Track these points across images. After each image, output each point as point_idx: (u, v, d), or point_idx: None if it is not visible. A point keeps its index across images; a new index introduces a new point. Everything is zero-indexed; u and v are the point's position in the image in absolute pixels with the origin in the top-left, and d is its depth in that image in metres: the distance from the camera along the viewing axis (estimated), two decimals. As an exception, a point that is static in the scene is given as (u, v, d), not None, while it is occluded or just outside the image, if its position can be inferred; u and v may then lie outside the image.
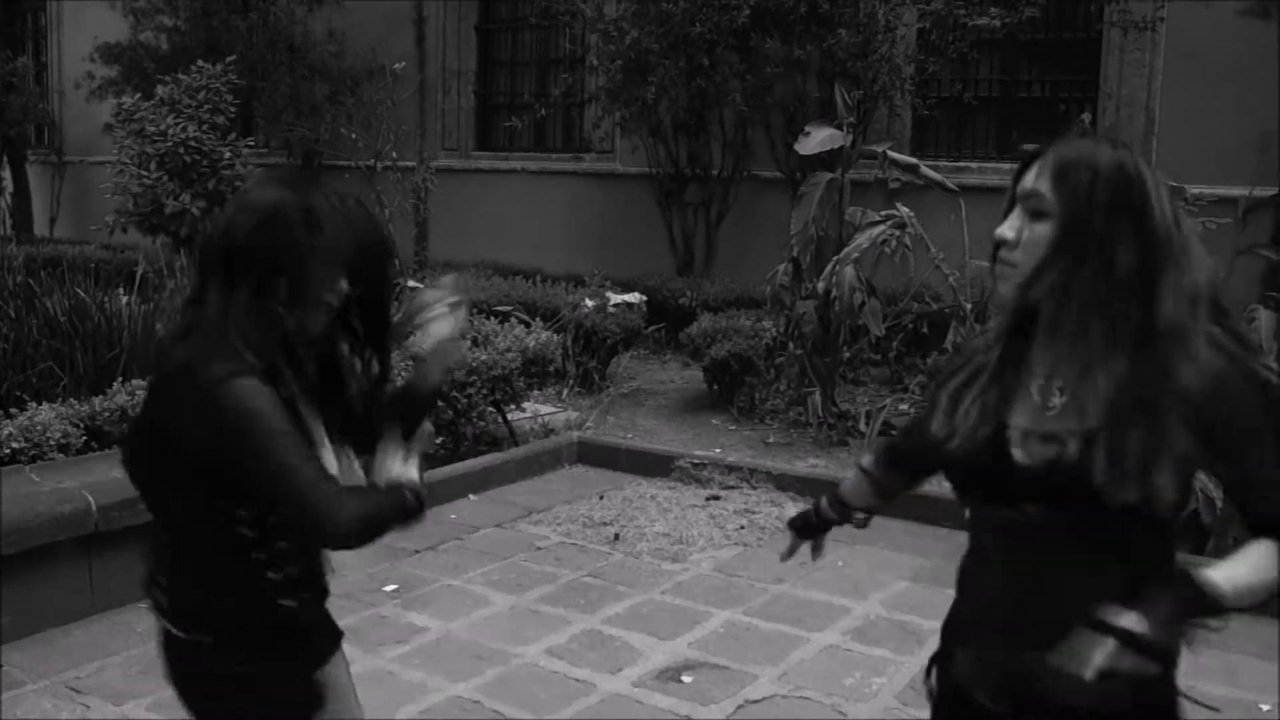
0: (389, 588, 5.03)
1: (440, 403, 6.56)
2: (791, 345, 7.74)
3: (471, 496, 6.39)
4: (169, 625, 2.19)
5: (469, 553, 5.58)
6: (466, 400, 6.66)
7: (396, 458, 2.17)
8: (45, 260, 10.27)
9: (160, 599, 2.20)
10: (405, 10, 12.98)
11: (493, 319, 7.94)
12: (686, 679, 4.24)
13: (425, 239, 12.57)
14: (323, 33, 13.46)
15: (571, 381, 8.46)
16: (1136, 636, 1.66)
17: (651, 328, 9.62)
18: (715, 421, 7.83)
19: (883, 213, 7.23)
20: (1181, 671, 1.87)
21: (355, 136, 11.10)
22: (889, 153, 7.47)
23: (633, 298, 9.24)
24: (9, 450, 4.91)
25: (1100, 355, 1.75)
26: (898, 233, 7.04)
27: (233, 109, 11.31)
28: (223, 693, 2.19)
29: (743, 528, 5.89)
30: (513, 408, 7.25)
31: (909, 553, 5.53)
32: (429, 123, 13.00)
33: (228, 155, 10.79)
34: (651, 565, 5.42)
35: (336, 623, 2.40)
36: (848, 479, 2.40)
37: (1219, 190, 8.08)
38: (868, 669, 4.34)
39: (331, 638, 2.39)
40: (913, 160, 7.64)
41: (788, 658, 4.43)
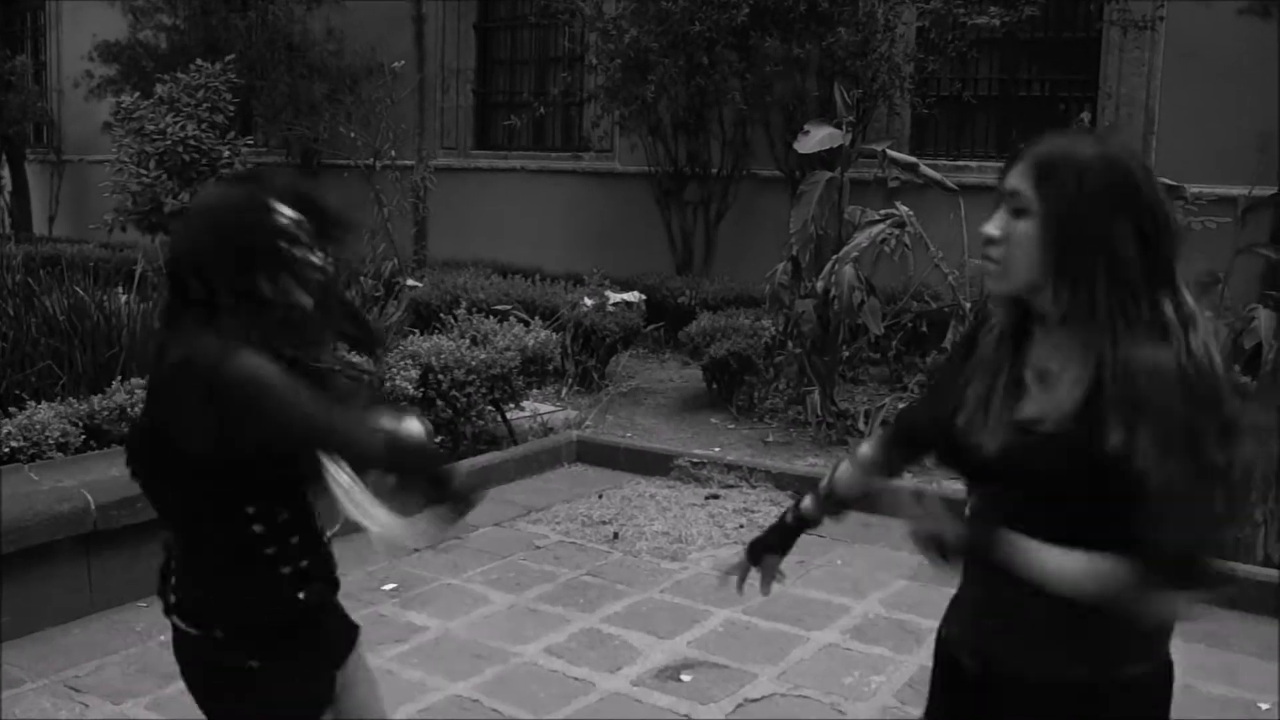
0: (388, 586, 5.03)
1: (439, 401, 6.56)
2: (790, 344, 7.74)
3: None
4: (179, 622, 2.20)
5: (468, 551, 5.58)
6: (465, 399, 6.66)
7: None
8: (44, 259, 10.27)
9: (170, 597, 2.21)
10: (404, 9, 13.00)
11: (492, 318, 7.94)
12: (685, 678, 4.24)
13: (424, 238, 12.59)
14: (322, 31, 13.46)
15: (570, 380, 8.46)
16: (940, 534, 1.84)
17: (650, 327, 9.62)
18: (714, 420, 7.83)
19: (882, 212, 7.23)
20: (1181, 670, 1.87)
21: (354, 135, 11.08)
22: (888, 151, 7.47)
23: (632, 297, 9.24)
24: (8, 449, 4.91)
25: (1097, 344, 1.76)
26: (897, 231, 7.04)
27: (232, 108, 11.30)
28: (234, 688, 2.20)
29: (742, 526, 5.89)
30: (512, 407, 7.24)
31: (908, 551, 5.50)
32: (428, 121, 13.01)
33: (227, 154, 10.78)
34: (650, 564, 5.42)
35: (351, 619, 2.41)
36: (839, 471, 2.37)
37: (1218, 190, 8.08)
38: (867, 668, 4.34)
39: (345, 634, 2.39)
40: (912, 159, 7.64)
41: (787, 656, 4.43)
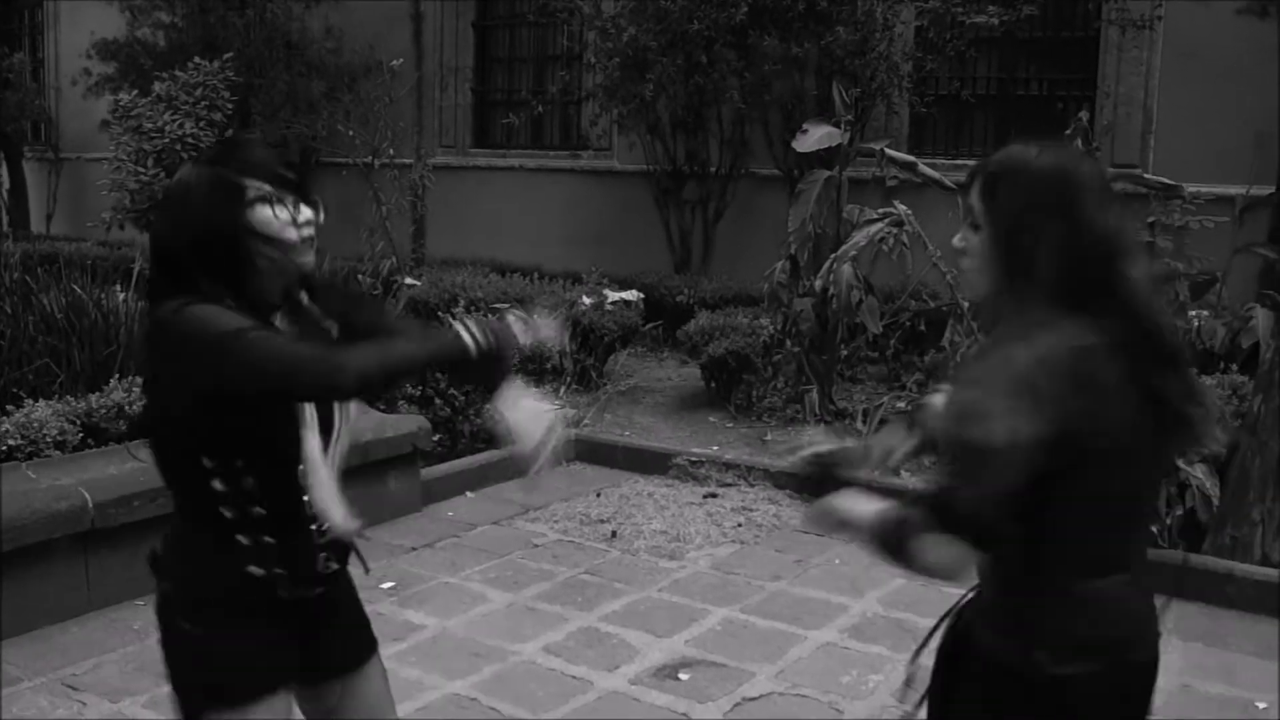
0: (386, 585, 5.03)
1: (438, 400, 6.56)
2: (789, 343, 7.74)
3: (469, 494, 6.38)
4: (152, 571, 2.24)
5: (466, 550, 5.58)
6: (464, 397, 6.66)
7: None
8: (42, 257, 10.25)
9: (155, 549, 2.26)
10: (402, 7, 12.99)
11: (489, 316, 7.93)
12: (684, 676, 4.24)
13: (423, 236, 12.59)
14: (320, 29, 13.45)
15: (569, 379, 8.45)
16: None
17: (649, 325, 9.62)
18: (712, 419, 7.83)
19: (880, 210, 7.23)
20: (1179, 669, 1.88)
21: (352, 133, 11.08)
22: (887, 150, 7.46)
23: (630, 295, 9.24)
24: (5, 447, 4.90)
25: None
26: (895, 230, 7.04)
27: (230, 106, 11.30)
28: (172, 646, 2.21)
29: (740, 525, 5.89)
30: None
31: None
32: (426, 120, 13.01)
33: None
34: (648, 563, 5.42)
35: (366, 635, 2.41)
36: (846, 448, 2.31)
37: (1216, 189, 8.10)
38: (865, 666, 4.34)
39: (353, 645, 2.38)
40: (910, 158, 7.62)
41: (785, 655, 4.43)
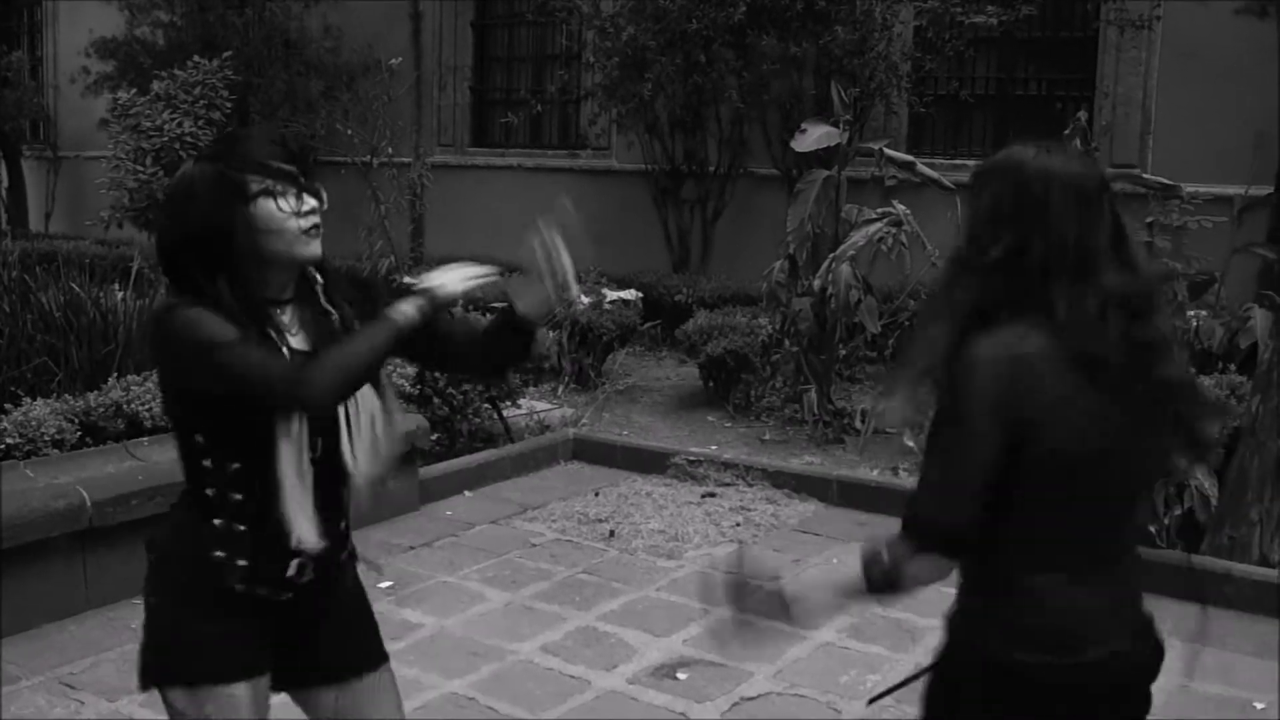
0: (383, 584, 5.02)
1: (436, 399, 6.56)
2: (787, 342, 7.74)
3: (467, 493, 6.38)
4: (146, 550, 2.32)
5: (464, 549, 5.58)
6: (462, 396, 6.65)
7: (438, 274, 2.22)
8: (40, 256, 10.24)
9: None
10: (401, 6, 12.99)
11: (488, 315, 7.92)
12: (681, 676, 4.24)
13: (421, 235, 12.58)
14: (319, 28, 13.45)
15: (567, 378, 8.46)
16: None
17: (647, 325, 9.62)
18: (711, 418, 7.83)
19: (879, 210, 7.23)
20: (1177, 670, 1.88)
21: (351, 132, 11.09)
22: (885, 150, 7.47)
23: (629, 294, 9.24)
24: (4, 446, 4.90)
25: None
26: (894, 230, 7.04)
27: (229, 104, 11.30)
28: (145, 613, 2.29)
29: (738, 525, 5.89)
30: (508, 404, 7.24)
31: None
32: (425, 119, 13.01)
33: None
34: (647, 562, 5.42)
35: (371, 648, 2.41)
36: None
37: (1215, 189, 8.10)
38: (863, 666, 4.34)
39: (347, 654, 2.38)
40: (909, 158, 7.63)
41: (783, 655, 4.42)
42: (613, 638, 4.58)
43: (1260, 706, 4.06)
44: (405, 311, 2.15)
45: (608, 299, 8.96)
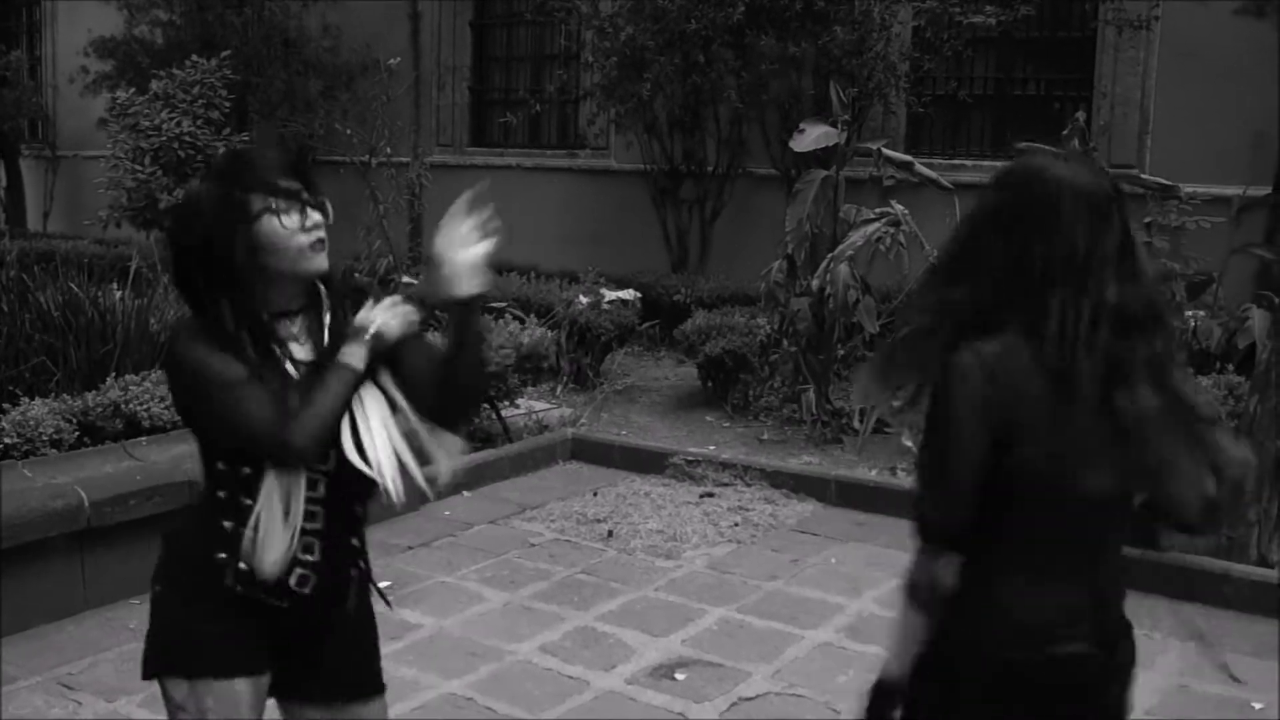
0: (382, 584, 4.99)
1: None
2: (786, 342, 7.74)
3: (465, 493, 6.38)
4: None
5: (462, 549, 5.58)
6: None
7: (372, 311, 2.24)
8: (38, 255, 10.24)
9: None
10: (400, 6, 12.99)
11: (487, 315, 7.93)
12: (680, 676, 4.24)
13: (420, 235, 12.56)
14: (318, 28, 13.44)
15: (566, 378, 8.45)
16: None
17: (646, 324, 9.61)
18: (709, 418, 7.83)
19: (877, 210, 7.23)
20: (1176, 670, 1.89)
21: (350, 132, 11.07)
22: (884, 150, 7.47)
23: (627, 294, 9.24)
24: (2, 445, 4.90)
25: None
26: (892, 230, 7.04)
27: (227, 104, 11.29)
28: (151, 600, 2.32)
29: (736, 525, 5.89)
30: (507, 404, 7.24)
31: (902, 550, 5.50)
32: (424, 118, 13.00)
33: (222, 150, 10.76)
34: (645, 562, 5.42)
35: (367, 677, 2.42)
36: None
37: (1213, 189, 8.10)
38: (861, 666, 4.33)
39: (343, 677, 2.38)
40: (907, 158, 7.63)
41: (781, 655, 4.43)
42: (611, 638, 4.58)
43: (1259, 706, 4.06)
44: (357, 354, 2.19)
45: (606, 299, 8.96)
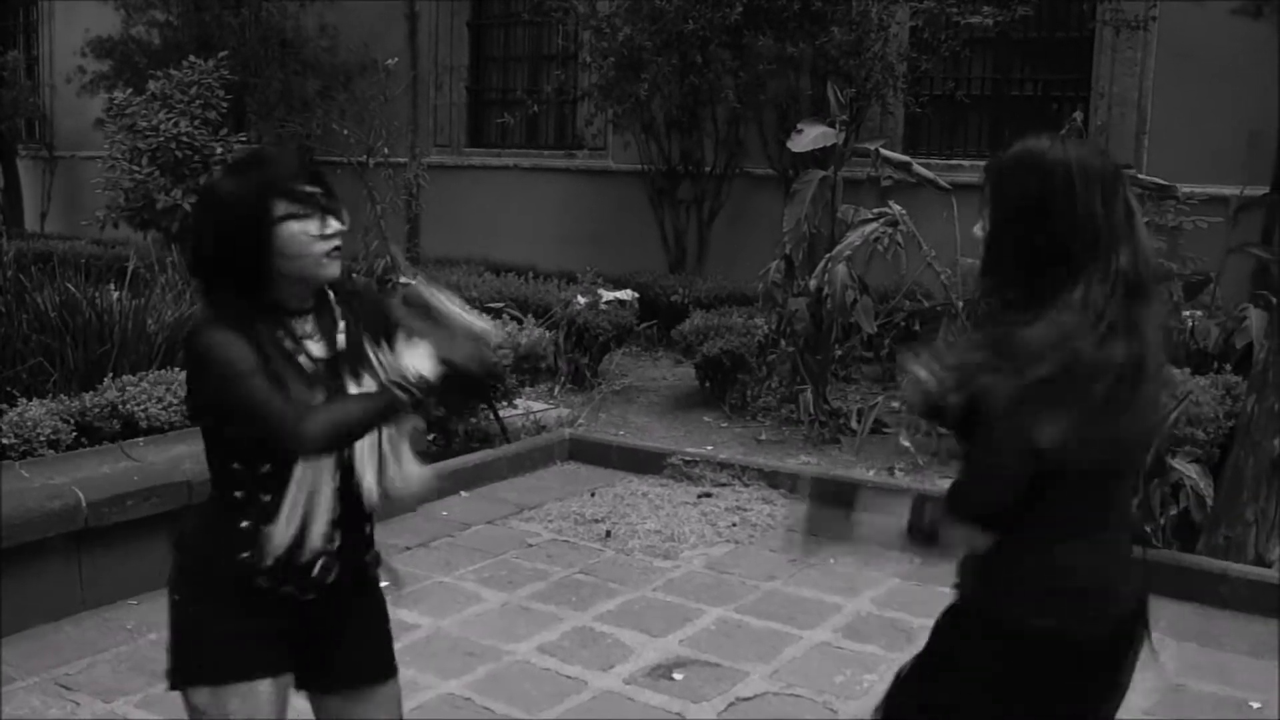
0: (380, 585, 5.01)
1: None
2: (783, 343, 7.74)
3: (463, 493, 6.38)
4: (173, 548, 2.35)
5: (460, 549, 5.58)
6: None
7: (407, 356, 2.21)
8: (36, 255, 10.21)
9: (183, 528, 2.39)
10: (397, 6, 12.98)
11: (485, 316, 7.92)
12: (678, 676, 4.24)
13: (417, 235, 12.57)
14: (315, 28, 13.44)
15: (563, 378, 8.45)
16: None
17: (643, 325, 9.61)
18: (707, 419, 7.83)
19: (875, 210, 7.24)
20: (1174, 669, 1.92)
21: (347, 132, 11.06)
22: (881, 150, 7.48)
23: (625, 295, 9.24)
24: (-1, 446, 4.90)
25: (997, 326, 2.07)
26: (890, 230, 7.04)
27: (224, 104, 11.27)
28: (169, 611, 2.31)
29: (734, 525, 5.89)
30: (504, 404, 7.23)
31: (900, 550, 5.51)
32: (421, 118, 12.99)
33: (219, 151, 10.75)
34: (643, 562, 5.42)
35: (383, 661, 2.47)
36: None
37: (1210, 189, 8.11)
38: (859, 666, 4.34)
39: (358, 663, 2.41)
40: (905, 158, 7.64)
41: (779, 655, 4.43)
42: (609, 638, 4.58)
43: (1256, 705, 4.06)
44: (402, 398, 2.17)
45: (604, 299, 8.96)
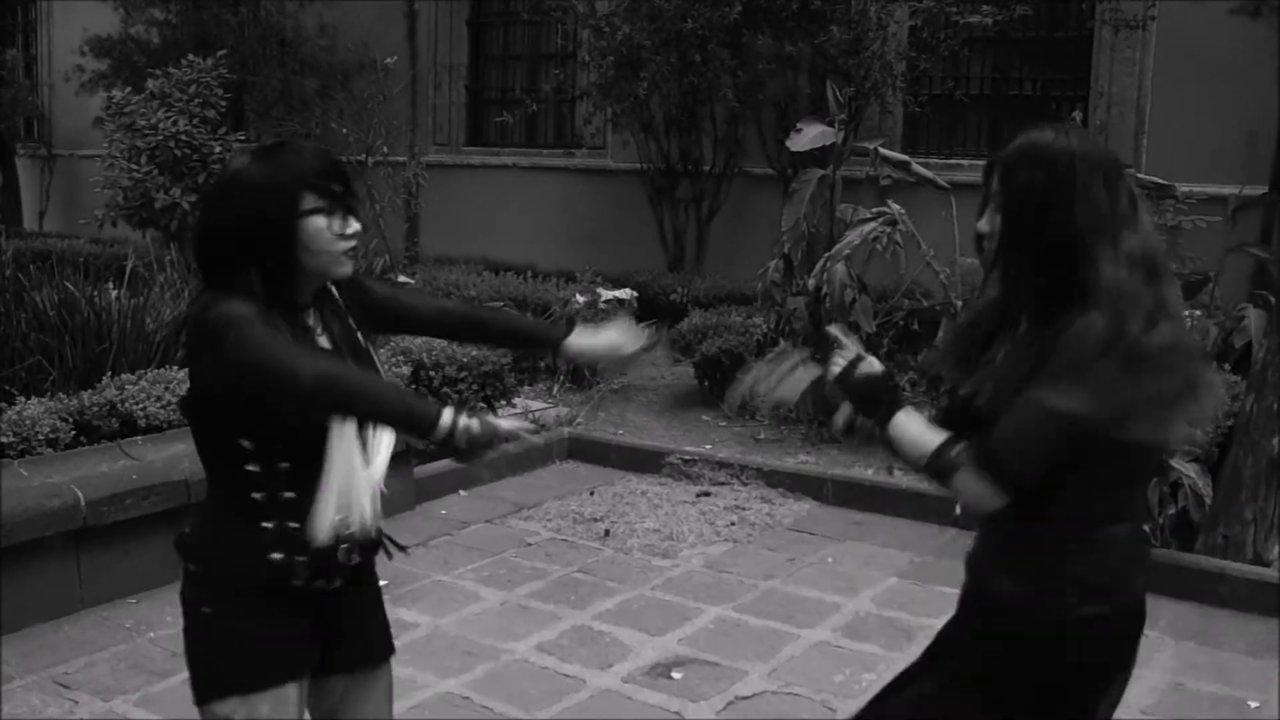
0: (379, 583, 5.01)
1: (431, 398, 6.55)
2: (782, 341, 7.73)
3: (462, 492, 6.38)
4: (178, 552, 2.28)
5: (459, 548, 5.58)
6: (457, 396, 6.65)
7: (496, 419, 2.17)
8: (34, 254, 10.22)
9: (183, 530, 2.31)
10: (396, 5, 12.97)
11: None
12: (676, 675, 4.24)
13: (416, 234, 12.57)
14: (314, 27, 13.43)
15: (562, 377, 8.45)
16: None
17: (642, 324, 9.59)
18: (705, 418, 7.83)
19: (874, 210, 7.23)
20: (1172, 668, 1.91)
21: (346, 131, 11.07)
22: (880, 150, 7.47)
23: (624, 294, 9.23)
24: (-2, 444, 4.89)
25: (1026, 317, 2.10)
26: (889, 230, 7.04)
27: (223, 103, 11.26)
28: (192, 626, 2.25)
29: (733, 524, 5.89)
30: (503, 403, 7.23)
31: (899, 549, 5.53)
32: (420, 117, 12.98)
33: (218, 150, 10.74)
34: (642, 561, 5.42)
35: (385, 638, 2.47)
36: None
37: (1209, 189, 8.10)
38: (858, 665, 4.34)
39: (366, 644, 2.41)
40: (904, 157, 7.63)
41: (778, 654, 4.43)
42: (608, 637, 4.58)
43: (1255, 705, 4.06)
44: (445, 424, 2.06)
45: (603, 298, 8.95)
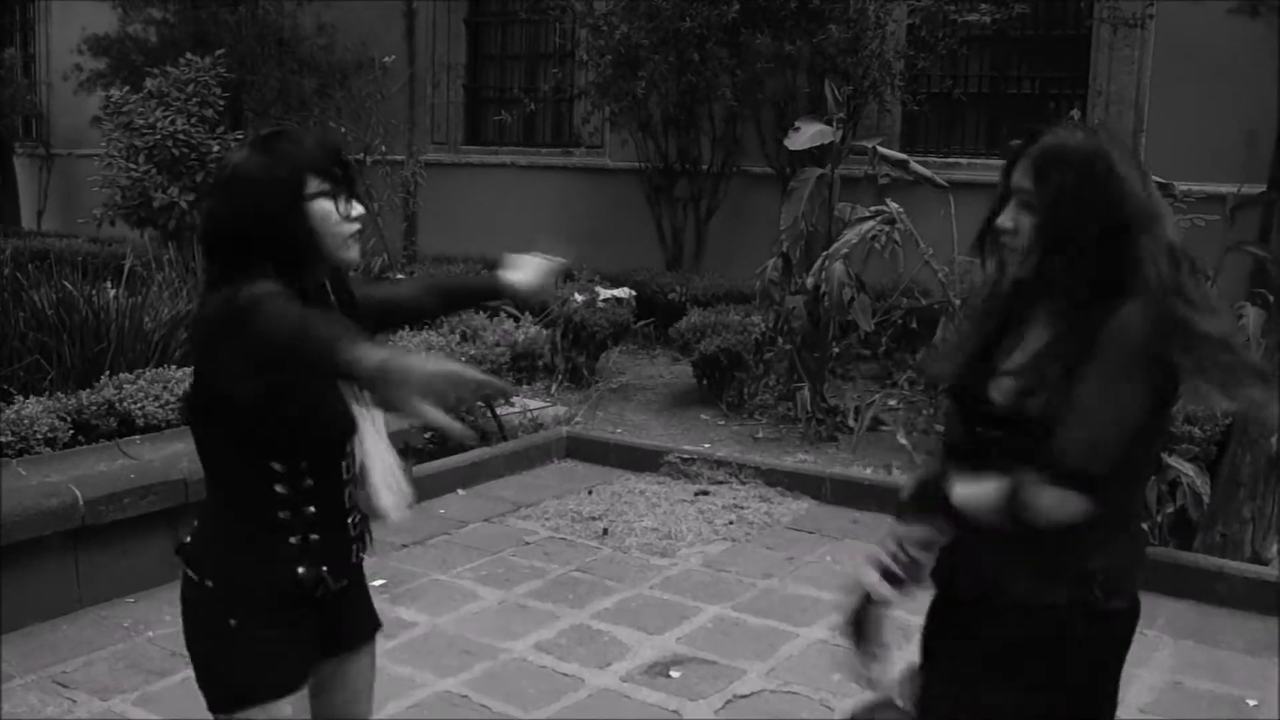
0: (377, 582, 5.01)
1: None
2: (781, 340, 7.74)
3: (460, 491, 6.38)
4: (182, 564, 2.26)
5: (457, 548, 5.58)
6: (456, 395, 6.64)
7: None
8: (33, 253, 10.23)
9: (185, 540, 2.28)
10: (395, 4, 12.96)
11: (481, 313, 7.93)
12: (675, 674, 4.25)
13: (414, 233, 12.56)
14: (312, 26, 13.41)
15: (560, 376, 8.45)
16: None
17: (641, 323, 9.61)
18: (704, 417, 7.83)
19: (872, 208, 7.23)
20: (1170, 667, 1.92)
21: (344, 130, 11.06)
22: (879, 148, 7.47)
23: (622, 293, 9.23)
24: (-5, 444, 4.89)
25: (1064, 313, 2.10)
26: (887, 228, 7.04)
27: (221, 102, 11.25)
28: (212, 641, 2.23)
29: (731, 523, 5.89)
30: (502, 402, 7.24)
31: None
32: (418, 116, 12.98)
33: (216, 149, 10.72)
34: (640, 560, 5.42)
35: (373, 615, 2.45)
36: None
37: (1207, 187, 8.10)
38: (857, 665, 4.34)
39: (353, 624, 2.41)
40: (902, 156, 7.63)
41: (776, 653, 4.43)
42: (606, 636, 4.58)
43: (1253, 704, 4.07)
44: (368, 359, 1.81)
45: (601, 297, 8.95)
